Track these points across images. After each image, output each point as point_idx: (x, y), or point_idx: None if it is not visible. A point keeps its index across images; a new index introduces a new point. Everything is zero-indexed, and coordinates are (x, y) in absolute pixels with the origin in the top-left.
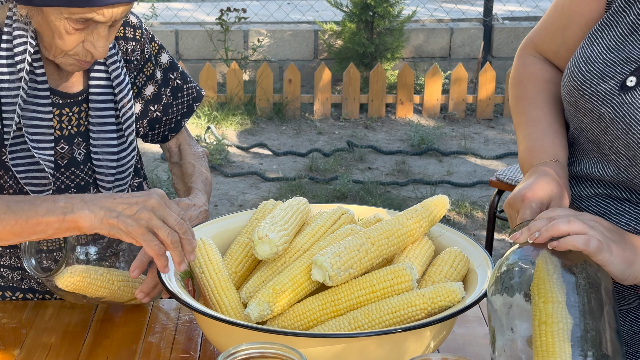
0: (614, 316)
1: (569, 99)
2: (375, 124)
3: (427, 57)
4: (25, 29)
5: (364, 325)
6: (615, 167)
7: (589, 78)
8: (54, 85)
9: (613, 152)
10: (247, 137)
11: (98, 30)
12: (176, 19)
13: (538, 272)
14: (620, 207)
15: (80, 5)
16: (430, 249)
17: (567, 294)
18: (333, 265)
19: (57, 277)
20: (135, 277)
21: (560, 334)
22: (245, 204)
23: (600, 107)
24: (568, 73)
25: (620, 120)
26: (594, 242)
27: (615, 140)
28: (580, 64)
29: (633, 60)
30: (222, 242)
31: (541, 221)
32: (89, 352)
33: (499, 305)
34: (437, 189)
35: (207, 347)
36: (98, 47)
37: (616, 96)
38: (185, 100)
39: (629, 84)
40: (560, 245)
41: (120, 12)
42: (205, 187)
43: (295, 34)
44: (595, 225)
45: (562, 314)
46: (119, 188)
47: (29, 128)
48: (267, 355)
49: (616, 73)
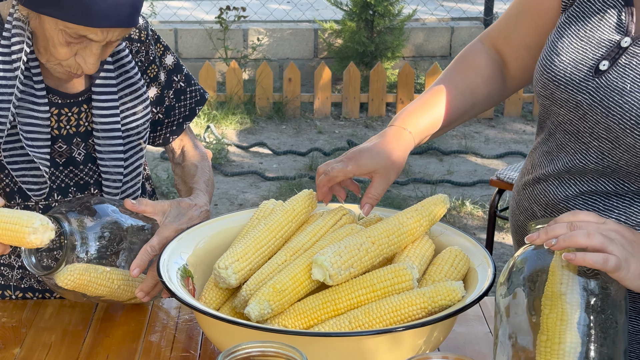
0: (623, 333)
1: (544, 93)
2: (375, 123)
3: (427, 56)
4: (23, 27)
5: (364, 324)
6: (599, 152)
7: (562, 68)
8: (53, 85)
9: (594, 138)
10: (247, 137)
11: (91, 47)
12: (175, 18)
13: (550, 283)
14: (608, 203)
15: (76, 22)
16: (430, 248)
17: (578, 312)
18: (333, 265)
19: (57, 276)
20: (135, 275)
21: (566, 356)
22: (245, 203)
23: (576, 95)
24: (540, 68)
25: (598, 105)
26: (612, 261)
27: (595, 125)
28: (552, 55)
29: (604, 45)
30: (222, 242)
31: (561, 227)
32: (89, 351)
33: (504, 307)
34: (438, 188)
35: (207, 346)
36: (88, 63)
37: (591, 81)
38: (188, 103)
39: (602, 68)
40: (577, 260)
41: (116, 35)
42: (207, 187)
43: (295, 32)
44: (617, 238)
45: (571, 334)
46: (129, 194)
47: (24, 126)
48: (267, 354)
49: (589, 59)
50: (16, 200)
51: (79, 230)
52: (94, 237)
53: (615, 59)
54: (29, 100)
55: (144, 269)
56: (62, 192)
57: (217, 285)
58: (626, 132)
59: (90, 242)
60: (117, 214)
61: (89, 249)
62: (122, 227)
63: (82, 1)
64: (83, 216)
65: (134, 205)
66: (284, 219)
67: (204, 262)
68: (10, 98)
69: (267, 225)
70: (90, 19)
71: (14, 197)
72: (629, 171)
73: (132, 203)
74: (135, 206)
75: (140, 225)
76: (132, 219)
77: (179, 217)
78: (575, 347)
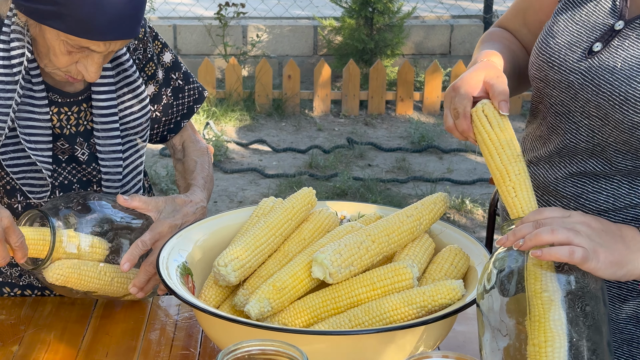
0: (606, 325)
1: (539, 75)
2: (375, 121)
3: (427, 54)
4: (23, 32)
5: (364, 323)
6: (589, 130)
7: (557, 50)
8: (52, 83)
9: (585, 117)
10: (247, 134)
11: (92, 56)
12: (174, 14)
13: (528, 283)
14: (597, 185)
15: (78, 35)
16: (430, 246)
17: (559, 308)
18: (333, 263)
19: (45, 271)
20: (125, 270)
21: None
22: (244, 201)
23: (568, 76)
24: (536, 50)
25: (589, 84)
26: (579, 253)
27: (586, 104)
28: (547, 38)
29: (598, 28)
30: (221, 239)
31: (527, 226)
32: (88, 349)
33: (485, 309)
34: (437, 187)
35: (207, 344)
36: (90, 71)
37: (583, 62)
38: (186, 101)
39: (595, 49)
40: (544, 256)
41: (118, 46)
42: (206, 183)
43: (295, 29)
44: (583, 230)
45: (556, 333)
46: (129, 192)
47: (24, 129)
48: (267, 353)
49: (582, 41)
50: (17, 198)
51: (68, 226)
52: (87, 233)
53: (608, 41)
54: (29, 102)
55: (134, 263)
56: (65, 189)
57: (217, 283)
58: (615, 108)
59: (82, 237)
60: (110, 210)
61: (80, 244)
62: (115, 223)
63: (84, 15)
64: (75, 212)
65: (127, 201)
66: (283, 216)
67: (203, 259)
68: (10, 103)
69: (267, 223)
70: (92, 33)
71: (15, 195)
72: (617, 148)
73: (125, 199)
74: (128, 202)
75: (134, 221)
76: (126, 215)
77: (173, 213)
78: (562, 345)
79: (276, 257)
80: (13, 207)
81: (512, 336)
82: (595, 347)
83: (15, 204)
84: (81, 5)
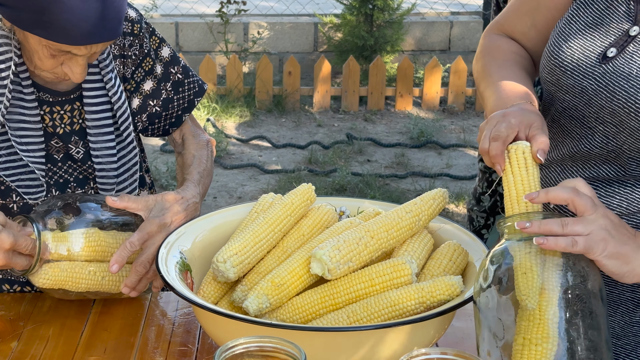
0: (604, 323)
1: (551, 79)
2: (374, 117)
3: (426, 50)
4: (9, 37)
5: (362, 319)
6: (603, 136)
7: (569, 54)
8: (43, 83)
9: (599, 122)
10: (247, 129)
11: (76, 59)
12: (176, 11)
13: (527, 279)
14: (610, 190)
15: (58, 41)
16: (429, 242)
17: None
18: (332, 259)
19: (32, 276)
20: (114, 272)
21: (545, 353)
22: (244, 196)
23: (582, 81)
24: (547, 54)
25: (603, 90)
26: (581, 243)
27: (600, 110)
28: (560, 42)
29: (612, 32)
30: (220, 235)
31: (554, 222)
32: (86, 345)
33: (483, 306)
34: (436, 182)
35: (205, 340)
36: (75, 72)
37: (597, 67)
38: (187, 95)
39: (610, 55)
40: (548, 244)
41: (100, 47)
42: (202, 178)
43: (295, 26)
44: (598, 220)
45: (550, 333)
46: (126, 189)
47: (15, 131)
48: (265, 349)
49: (596, 46)
50: (12, 198)
51: (58, 228)
52: (77, 235)
53: (624, 46)
54: (19, 105)
55: (123, 264)
56: (61, 187)
57: (216, 279)
58: (630, 115)
59: (72, 238)
60: (99, 211)
61: (71, 246)
62: (105, 223)
63: (64, 22)
64: (64, 215)
65: (115, 202)
66: (282, 212)
67: (202, 255)
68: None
69: (266, 219)
70: (73, 39)
71: (10, 195)
72: (631, 155)
73: (114, 200)
74: (117, 203)
75: (124, 221)
76: (116, 215)
77: (162, 211)
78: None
79: (275, 253)
80: (8, 207)
81: (509, 333)
82: (594, 346)
83: (11, 204)
84: (61, 13)
